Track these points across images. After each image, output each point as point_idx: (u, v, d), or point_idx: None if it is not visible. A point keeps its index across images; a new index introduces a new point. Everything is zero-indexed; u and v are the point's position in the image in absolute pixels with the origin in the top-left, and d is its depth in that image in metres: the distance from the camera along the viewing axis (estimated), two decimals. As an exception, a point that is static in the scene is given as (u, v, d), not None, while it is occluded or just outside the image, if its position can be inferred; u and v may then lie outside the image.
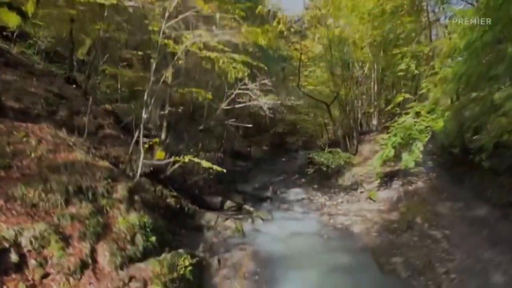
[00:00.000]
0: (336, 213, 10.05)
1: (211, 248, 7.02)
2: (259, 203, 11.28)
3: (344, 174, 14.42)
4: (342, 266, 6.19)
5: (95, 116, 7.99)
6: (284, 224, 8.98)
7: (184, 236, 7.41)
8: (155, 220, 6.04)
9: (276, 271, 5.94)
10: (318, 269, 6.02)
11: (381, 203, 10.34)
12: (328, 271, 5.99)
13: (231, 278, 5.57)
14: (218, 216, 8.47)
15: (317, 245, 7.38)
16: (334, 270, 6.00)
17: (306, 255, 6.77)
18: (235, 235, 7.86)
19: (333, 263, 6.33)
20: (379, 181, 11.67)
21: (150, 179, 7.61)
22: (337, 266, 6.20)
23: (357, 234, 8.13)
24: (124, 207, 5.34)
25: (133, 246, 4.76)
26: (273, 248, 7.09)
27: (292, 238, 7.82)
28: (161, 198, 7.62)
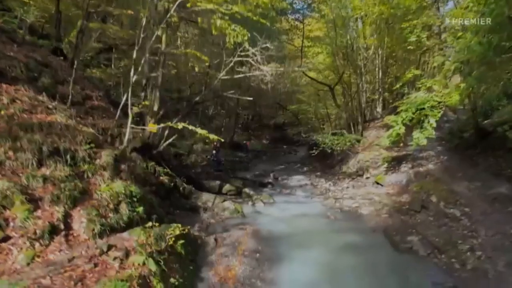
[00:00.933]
0: (342, 197, 9.43)
1: (208, 228, 6.44)
2: (260, 188, 10.67)
3: (349, 161, 13.82)
4: (352, 245, 5.59)
5: (83, 88, 7.39)
6: (287, 206, 8.38)
7: (178, 216, 6.81)
8: (145, 193, 5.45)
9: (279, 249, 5.34)
10: (326, 248, 5.42)
11: (389, 187, 9.73)
12: (337, 249, 5.39)
13: (229, 256, 4.97)
14: (216, 196, 7.87)
15: (323, 226, 6.78)
16: (343, 249, 5.40)
17: (312, 234, 6.16)
18: (234, 216, 7.26)
19: (342, 242, 5.72)
20: (386, 165, 11.06)
21: (142, 155, 7.00)
22: (347, 245, 5.60)
23: (366, 216, 7.52)
24: (108, 174, 4.74)
25: (116, 214, 4.16)
26: (276, 227, 6.49)
27: (295, 219, 7.22)
28: (153, 175, 7.01)
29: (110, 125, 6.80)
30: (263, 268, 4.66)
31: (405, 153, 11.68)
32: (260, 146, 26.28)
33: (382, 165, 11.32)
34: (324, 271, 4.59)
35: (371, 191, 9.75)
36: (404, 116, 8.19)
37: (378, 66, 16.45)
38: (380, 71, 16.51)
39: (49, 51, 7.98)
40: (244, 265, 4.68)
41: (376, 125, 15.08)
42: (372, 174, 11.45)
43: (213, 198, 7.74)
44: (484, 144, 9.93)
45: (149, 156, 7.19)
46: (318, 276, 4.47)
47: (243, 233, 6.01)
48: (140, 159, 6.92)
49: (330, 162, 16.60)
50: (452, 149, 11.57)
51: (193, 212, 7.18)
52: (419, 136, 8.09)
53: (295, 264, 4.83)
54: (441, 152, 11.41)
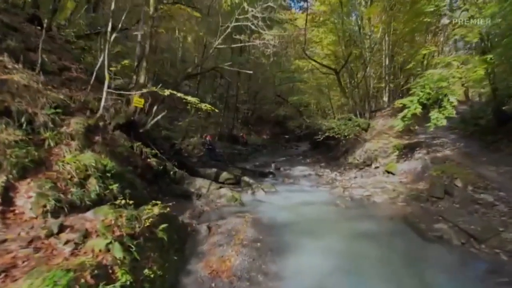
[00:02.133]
0: (350, 186, 8.57)
1: (201, 216, 5.58)
2: (260, 178, 9.80)
3: (355, 151, 12.96)
4: (369, 232, 4.74)
5: (60, 58, 6.52)
6: (290, 195, 7.53)
7: (166, 202, 5.91)
8: (125, 172, 4.60)
9: (284, 238, 4.49)
10: (339, 236, 4.57)
11: (402, 175, 8.89)
12: (352, 237, 4.54)
13: (224, 245, 4.11)
14: (211, 182, 7.02)
15: (332, 214, 5.93)
16: (359, 236, 4.55)
17: (321, 222, 5.31)
18: (231, 203, 6.40)
19: (357, 230, 4.87)
20: (398, 153, 10.21)
21: (127, 133, 6.14)
22: (363, 232, 4.75)
23: (380, 204, 6.67)
24: (76, 144, 3.88)
25: (80, 190, 3.29)
26: (279, 215, 5.64)
27: (301, 207, 6.36)
28: (139, 157, 6.15)
29: (90, 98, 5.93)
30: (265, 260, 3.80)
31: (417, 141, 10.85)
32: (260, 141, 25.41)
33: (392, 153, 10.47)
34: (340, 261, 3.74)
35: (382, 180, 8.91)
36: (421, 94, 7.32)
37: (384, 52, 15.63)
38: (387, 58, 15.69)
39: (24, 19, 7.09)
40: (242, 255, 3.83)
41: (383, 114, 14.21)
42: (382, 163, 10.61)
43: (208, 184, 6.89)
44: (505, 130, 9.12)
45: (135, 135, 6.32)
46: (333, 267, 3.62)
47: (242, 221, 5.16)
48: (125, 137, 6.06)
49: (334, 154, 15.73)
50: (467, 136, 10.75)
51: (185, 199, 6.32)
52: (437, 116, 7.22)
53: (304, 254, 3.97)
54: (455, 139, 10.58)
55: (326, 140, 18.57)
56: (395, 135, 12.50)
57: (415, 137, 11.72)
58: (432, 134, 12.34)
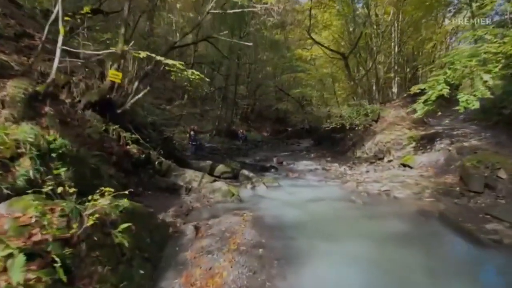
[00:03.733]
0: (363, 180, 7.53)
1: (189, 213, 4.53)
2: (262, 172, 8.76)
3: (364, 145, 11.92)
4: (401, 235, 3.70)
5: (22, 24, 5.47)
6: (296, 190, 6.49)
7: (148, 197, 4.91)
8: (87, 155, 3.55)
9: (293, 242, 3.44)
10: (363, 239, 3.52)
11: (422, 168, 7.85)
12: (381, 240, 3.49)
13: (214, 252, 3.07)
14: (204, 175, 5.97)
15: (349, 211, 4.88)
16: (391, 240, 3.51)
17: (338, 221, 4.27)
18: (227, 199, 5.36)
19: (385, 231, 3.83)
20: (414, 145, 9.18)
21: (100, 114, 5.09)
22: (394, 234, 3.71)
23: (403, 200, 5.62)
24: (10, 113, 2.82)
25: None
26: (285, 213, 4.60)
27: (310, 204, 5.32)
28: (116, 142, 5.10)
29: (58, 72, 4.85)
30: (270, 273, 2.76)
31: (435, 131, 9.81)
32: (260, 137, 24.39)
33: (408, 145, 9.44)
34: (373, 273, 2.71)
35: (399, 174, 7.88)
36: (449, 72, 6.27)
37: (394, 40, 14.61)
38: (396, 47, 14.67)
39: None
40: (238, 267, 2.78)
41: (393, 105, 13.16)
42: (396, 156, 9.58)
43: (199, 177, 5.84)
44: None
45: (113, 117, 5.27)
46: (366, 281, 2.58)
47: (239, 220, 4.12)
48: (98, 119, 5.01)
49: (340, 149, 14.69)
50: (490, 127, 9.68)
51: (171, 193, 5.27)
52: (467, 98, 6.16)
53: (323, 264, 2.93)
54: (478, 130, 9.54)
55: (331, 134, 17.57)
56: (408, 126, 11.47)
57: (431, 128, 10.71)
58: (448, 125, 11.33)
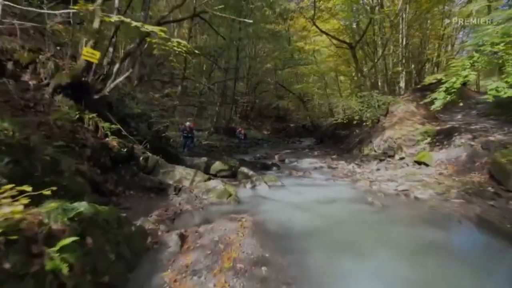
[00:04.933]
0: (375, 179, 6.77)
1: (176, 218, 3.76)
2: (263, 170, 7.98)
3: (372, 141, 11.15)
4: (444, 246, 2.94)
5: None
6: (302, 190, 5.72)
7: (129, 198, 4.13)
8: (42, 143, 2.77)
9: (306, 257, 2.67)
10: (398, 252, 2.75)
11: (440, 165, 7.08)
12: (421, 254, 2.73)
13: (203, 271, 2.30)
14: (196, 172, 5.19)
15: (368, 215, 4.10)
16: (434, 253, 2.74)
17: (358, 228, 3.50)
18: (223, 200, 4.59)
19: (421, 241, 3.05)
20: (429, 140, 8.41)
21: (74, 99, 4.31)
22: (434, 245, 2.94)
23: (426, 201, 4.85)
24: None
25: None
26: (292, 218, 3.83)
27: (321, 206, 4.55)
28: (93, 133, 4.33)
29: (16, 47, 4.10)
30: (278, 304, 1.98)
31: (451, 126, 9.04)
32: (261, 136, 23.65)
33: (422, 141, 8.66)
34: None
35: (414, 172, 7.12)
36: (476, 56, 5.50)
37: (401, 32, 13.86)
38: (404, 39, 13.91)
39: None
40: (234, 295, 2.01)
41: (401, 99, 12.40)
42: (408, 153, 8.80)
43: (191, 175, 5.06)
44: None
45: (88, 104, 4.49)
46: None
47: (236, 227, 3.35)
48: (71, 105, 4.23)
49: (345, 147, 13.90)
50: (510, 121, 8.97)
51: (157, 194, 4.49)
52: (498, 86, 5.39)
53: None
54: (498, 124, 8.79)
55: (334, 131, 16.86)
56: (420, 121, 10.70)
57: (444, 123, 9.95)
58: (462, 120, 10.59)
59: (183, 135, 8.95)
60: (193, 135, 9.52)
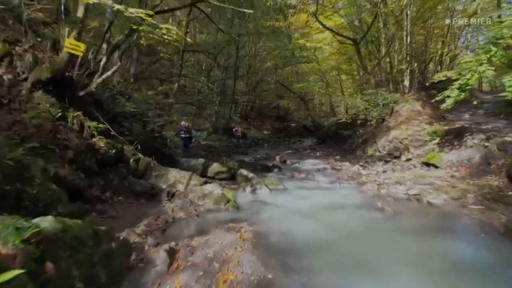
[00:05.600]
0: (383, 181, 6.39)
1: (167, 228, 3.37)
2: (263, 172, 7.60)
3: (376, 142, 10.76)
4: (474, 263, 2.54)
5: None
6: (306, 194, 5.33)
7: (117, 205, 3.74)
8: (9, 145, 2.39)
9: (314, 277, 2.28)
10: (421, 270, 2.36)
11: (451, 167, 6.69)
12: (449, 273, 2.34)
13: (193, 299, 1.91)
14: (191, 175, 4.80)
15: (380, 223, 3.72)
16: (465, 272, 2.35)
17: (373, 240, 3.11)
18: (220, 207, 4.20)
19: (446, 256, 2.67)
20: (438, 141, 8.01)
21: (57, 96, 3.92)
22: (464, 262, 2.55)
23: (441, 207, 4.47)
24: None
25: None
26: (297, 227, 3.44)
27: (327, 213, 4.16)
28: (77, 133, 3.94)
29: None
30: None
31: (460, 126, 8.66)
32: (261, 136, 23.27)
33: (430, 141, 8.26)
34: None
35: (424, 174, 6.73)
36: (494, 50, 5.10)
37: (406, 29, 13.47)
38: (408, 36, 13.52)
39: None
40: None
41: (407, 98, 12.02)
42: (415, 154, 8.41)
43: (187, 178, 4.67)
44: None
45: (73, 101, 4.10)
46: None
47: (234, 239, 2.97)
48: (52, 102, 3.84)
49: (348, 147, 13.51)
50: (524, 121, 8.58)
51: (148, 200, 4.11)
52: (518, 82, 5.00)
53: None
54: (510, 124, 8.39)
55: (337, 131, 16.46)
56: (427, 120, 10.32)
57: (453, 123, 9.57)
58: (470, 120, 10.20)
59: (180, 136, 8.52)
60: (192, 135, 9.03)
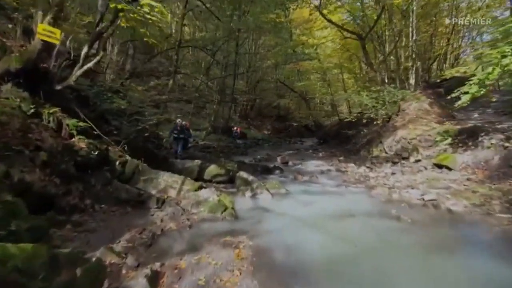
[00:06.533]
0: (393, 185, 5.91)
1: (152, 244, 2.88)
2: (264, 174, 7.12)
3: (382, 142, 10.26)
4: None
5: None
6: (312, 199, 4.85)
7: (97, 215, 3.26)
8: None
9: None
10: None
11: (467, 169, 6.22)
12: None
13: None
14: (185, 179, 4.31)
15: (400, 236, 3.24)
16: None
17: (394, 257, 2.63)
18: (216, 215, 3.72)
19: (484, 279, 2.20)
20: (450, 141, 7.53)
21: (29, 90, 3.44)
22: None
23: (464, 215, 3.99)
24: None
25: None
26: (304, 241, 2.96)
27: (337, 222, 3.69)
28: (53, 132, 3.46)
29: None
30: None
31: (473, 125, 8.18)
32: (261, 136, 22.80)
33: (441, 141, 7.77)
34: None
35: (437, 177, 6.25)
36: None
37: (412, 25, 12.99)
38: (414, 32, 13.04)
39: None
40: None
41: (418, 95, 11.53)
42: (425, 155, 7.92)
43: (179, 183, 4.19)
44: None
45: (49, 96, 3.62)
46: None
47: (231, 258, 2.50)
48: (23, 96, 3.36)
49: (351, 147, 13.03)
50: (539, 120, 8.11)
51: (135, 208, 3.62)
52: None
53: None
54: (524, 123, 7.93)
55: (339, 131, 15.98)
56: (436, 120, 9.85)
57: (464, 122, 9.09)
58: (481, 119, 9.73)
59: (174, 135, 7.68)
60: (187, 135, 8.38)
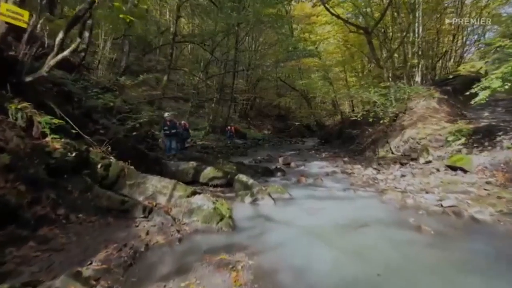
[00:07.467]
0: (405, 188, 5.44)
1: (134, 263, 2.41)
2: (265, 177, 6.65)
3: (389, 142, 9.78)
4: None
5: None
6: (318, 206, 4.37)
7: (72, 227, 2.79)
8: None
9: None
10: None
11: (484, 172, 5.75)
12: None
13: None
14: (176, 184, 3.83)
15: (424, 252, 2.77)
16: None
17: (423, 282, 2.15)
18: (211, 226, 3.25)
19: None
20: (463, 141, 7.05)
21: None
22: None
23: (493, 225, 3.52)
24: None
25: None
26: (314, 260, 2.49)
27: (349, 234, 3.21)
28: (21, 131, 2.99)
29: None
30: None
31: (488, 124, 7.72)
32: (261, 136, 22.36)
33: (454, 141, 7.28)
34: None
35: (453, 180, 5.77)
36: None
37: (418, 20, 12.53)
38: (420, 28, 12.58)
39: None
40: None
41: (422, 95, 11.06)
42: (436, 156, 7.43)
43: (170, 188, 3.71)
44: None
45: (18, 89, 3.14)
46: None
47: (227, 284, 2.01)
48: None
49: (355, 147, 12.56)
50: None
51: (117, 218, 3.15)
52: None
53: None
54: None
55: (341, 130, 15.52)
56: (446, 119, 9.37)
57: (476, 121, 8.62)
58: (493, 118, 9.25)
59: (164, 133, 7.06)
60: (180, 132, 7.76)
